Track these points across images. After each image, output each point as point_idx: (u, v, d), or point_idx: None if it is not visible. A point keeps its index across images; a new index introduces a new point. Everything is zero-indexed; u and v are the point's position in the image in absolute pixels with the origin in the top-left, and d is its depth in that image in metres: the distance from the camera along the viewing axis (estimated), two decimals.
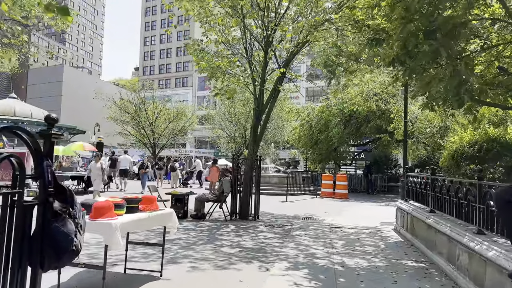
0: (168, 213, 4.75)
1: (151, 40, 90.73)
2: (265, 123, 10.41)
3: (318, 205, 14.76)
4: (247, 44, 9.72)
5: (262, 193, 18.54)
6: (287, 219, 10.52)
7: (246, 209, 9.88)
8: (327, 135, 21.80)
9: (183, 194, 9.75)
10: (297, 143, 24.23)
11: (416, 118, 17.29)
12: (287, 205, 14.45)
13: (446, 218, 6.18)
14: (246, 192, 9.95)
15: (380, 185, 24.48)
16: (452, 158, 8.29)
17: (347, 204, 15.20)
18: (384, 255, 6.47)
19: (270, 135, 33.39)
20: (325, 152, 23.18)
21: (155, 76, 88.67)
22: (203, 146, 63.62)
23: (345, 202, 16.22)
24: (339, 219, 10.66)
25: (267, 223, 9.43)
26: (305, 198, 17.03)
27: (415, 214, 7.52)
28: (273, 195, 17.60)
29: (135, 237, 6.58)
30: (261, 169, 22.79)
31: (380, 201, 17.56)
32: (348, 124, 20.36)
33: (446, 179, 6.48)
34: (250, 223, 9.32)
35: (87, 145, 18.99)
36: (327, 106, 21.37)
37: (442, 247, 5.85)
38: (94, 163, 12.67)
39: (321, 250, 6.57)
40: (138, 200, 4.34)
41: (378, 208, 14.46)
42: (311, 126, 22.83)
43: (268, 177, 19.32)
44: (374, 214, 12.27)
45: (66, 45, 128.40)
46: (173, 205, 9.68)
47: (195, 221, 9.38)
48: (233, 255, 6.02)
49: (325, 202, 15.82)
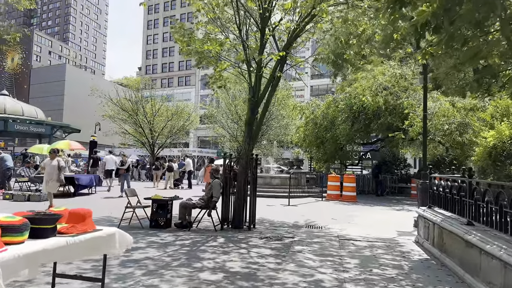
0: (107, 235, 3.27)
1: (153, 39, 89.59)
2: (263, 116, 8.93)
3: (324, 210, 13.27)
4: (241, 22, 8.23)
5: (262, 195, 17.09)
6: (288, 227, 9.05)
7: (240, 216, 8.42)
8: (333, 134, 20.31)
9: (166, 199, 8.30)
10: (302, 142, 22.75)
11: (433, 114, 15.74)
12: (289, 209, 12.97)
13: (494, 235, 4.68)
14: (240, 197, 8.49)
15: (390, 186, 22.96)
16: (489, 156, 6.78)
17: (356, 209, 13.69)
18: (411, 281, 4.98)
19: (274, 134, 31.95)
20: (331, 151, 21.69)
21: (157, 75, 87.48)
22: (207, 145, 62.32)
23: (354, 205, 14.71)
24: (349, 228, 9.17)
25: (263, 234, 7.95)
26: (309, 201, 15.55)
27: (445, 226, 6.02)
28: (275, 198, 16.13)
29: None
30: (263, 169, 21.48)
31: (392, 204, 16.03)
32: (356, 120, 18.81)
33: (493, 183, 4.98)
34: (243, 234, 7.84)
35: (74, 143, 17.64)
36: (333, 101, 19.83)
37: (493, 275, 4.35)
38: (49, 161, 10.78)
39: (329, 275, 5.08)
40: (55, 219, 2.88)
41: (392, 213, 12.93)
42: (316, 123, 21.31)
43: (270, 178, 17.85)
44: (388, 221, 10.76)
45: (69, 45, 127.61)
46: (154, 212, 8.24)
47: (178, 231, 7.94)
48: (213, 283, 4.56)
49: (332, 206, 14.32)
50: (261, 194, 16.61)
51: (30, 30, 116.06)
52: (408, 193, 22.51)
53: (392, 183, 23.16)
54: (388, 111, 17.11)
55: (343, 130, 18.77)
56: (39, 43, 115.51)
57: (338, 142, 20.47)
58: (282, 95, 28.52)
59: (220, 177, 8.42)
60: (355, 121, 18.82)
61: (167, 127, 32.84)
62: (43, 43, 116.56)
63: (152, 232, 7.72)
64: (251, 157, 8.42)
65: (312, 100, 22.80)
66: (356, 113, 18.59)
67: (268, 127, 31.24)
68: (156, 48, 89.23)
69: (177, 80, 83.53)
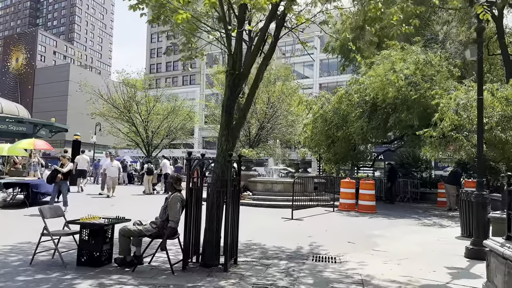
0: None
1: (157, 37, 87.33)
2: (249, 99, 6.10)
3: (336, 226, 10.44)
4: None
5: (261, 204, 14.25)
6: (286, 261, 6.24)
7: (212, 248, 5.62)
8: (345, 132, 17.45)
9: (101, 224, 5.52)
10: (310, 142, 19.95)
11: (469, 106, 12.79)
12: (291, 226, 10.16)
13: None
14: (213, 218, 5.70)
15: (410, 191, 20.05)
16: None
17: (377, 224, 10.82)
18: None
19: (279, 132, 29.18)
20: (343, 152, 18.83)
21: (162, 74, 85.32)
22: (212, 146, 59.80)
23: (373, 219, 11.84)
24: (374, 261, 6.34)
25: (244, 280, 5.14)
26: (317, 212, 12.69)
27: None
28: (277, 208, 13.35)
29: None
30: (263, 173, 18.67)
31: (418, 215, 13.16)
32: (373, 116, 15.90)
33: None
34: (214, 280, 5.05)
35: (39, 142, 15.02)
36: (346, 95, 16.93)
37: None
38: None
39: None
40: None
41: (424, 231, 10.02)
42: (326, 120, 18.46)
43: (270, 183, 15.06)
44: (424, 246, 7.89)
45: (74, 44, 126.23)
46: (85, 241, 5.50)
47: (117, 272, 5.20)
48: None
49: (346, 221, 11.46)
50: (260, 203, 13.85)
51: (35, 30, 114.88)
52: (432, 200, 19.57)
53: (413, 187, 20.27)
54: (409, 104, 14.18)
55: (358, 128, 15.89)
56: (44, 43, 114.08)
57: (351, 141, 17.63)
58: (287, 88, 25.76)
59: (181, 189, 5.64)
60: (372, 117, 15.91)
61: (163, 126, 30.26)
62: (47, 43, 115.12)
63: (72, 276, 4.99)
64: (229, 160, 5.61)
65: (321, 93, 19.90)
66: (372, 107, 15.69)
67: (273, 126, 28.55)
68: (160, 46, 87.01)
69: (182, 79, 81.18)
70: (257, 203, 13.75)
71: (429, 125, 13.66)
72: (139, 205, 14.31)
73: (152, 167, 18.01)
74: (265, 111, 27.31)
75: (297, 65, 58.60)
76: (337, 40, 22.11)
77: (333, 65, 55.81)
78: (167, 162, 19.29)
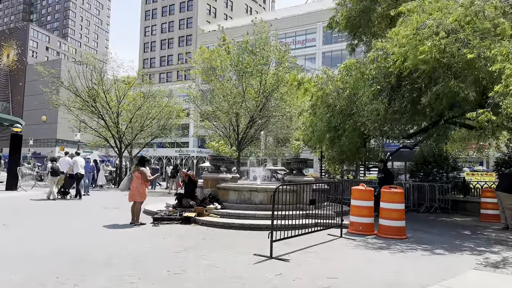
0: None
1: (151, 30, 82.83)
2: None
3: (351, 276, 5.67)
4: None
5: (233, 225, 9.13)
6: None
7: None
8: (355, 120, 12.88)
9: None
10: (307, 136, 15.33)
11: None
12: (264, 277, 5.44)
13: None
14: None
15: (438, 199, 15.49)
16: None
17: (419, 266, 6.14)
18: None
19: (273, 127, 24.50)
20: (351, 148, 14.28)
21: (156, 69, 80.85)
22: None
23: (409, 253, 7.16)
24: None
25: None
26: (316, 240, 7.92)
27: None
28: (255, 230, 8.73)
29: None
30: (238, 177, 13.89)
31: (468, 240, 8.51)
32: (396, 94, 11.17)
33: None
34: None
35: None
36: (356, 66, 12.26)
37: None
38: None
39: None
40: None
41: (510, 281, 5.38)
42: (328, 105, 13.87)
43: (248, 191, 10.37)
44: None
45: (68, 41, 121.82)
46: None
47: None
48: None
49: (365, 259, 6.67)
50: (231, 223, 9.17)
51: (26, 24, 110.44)
52: (469, 211, 14.95)
53: (440, 194, 15.65)
54: (458, 69, 9.44)
55: (373, 112, 11.25)
56: (36, 38, 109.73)
57: (363, 132, 13.03)
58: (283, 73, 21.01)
59: None
60: (394, 96, 11.19)
61: (136, 119, 25.62)
62: (39, 38, 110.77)
63: None
64: None
65: (321, 68, 15.23)
66: (396, 82, 10.97)
67: (267, 120, 23.91)
68: (154, 40, 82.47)
69: (177, 74, 76.59)
70: (225, 222, 9.14)
71: (486, 103, 9.04)
72: None
73: (57, 166, 13.91)
74: (257, 101, 22.68)
75: (298, 58, 54.16)
76: (343, 13, 17.42)
77: (336, 58, 51.32)
78: (80, 160, 15.02)
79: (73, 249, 6.71)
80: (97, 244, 7.17)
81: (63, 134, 74.23)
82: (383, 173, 13.66)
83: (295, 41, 58.02)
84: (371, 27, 16.08)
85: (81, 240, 7.50)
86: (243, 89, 22.75)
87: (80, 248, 6.79)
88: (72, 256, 6.14)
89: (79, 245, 7.06)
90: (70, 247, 6.87)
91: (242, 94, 22.43)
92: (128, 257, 6.20)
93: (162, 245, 7.23)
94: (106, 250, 6.65)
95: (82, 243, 7.22)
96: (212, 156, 11.85)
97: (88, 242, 7.36)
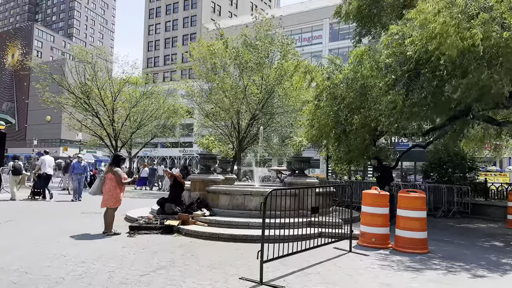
0: None
1: (155, 28, 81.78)
2: None
3: None
4: None
5: (222, 236, 6.84)
6: None
7: None
8: (364, 115, 11.42)
9: None
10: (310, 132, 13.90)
11: None
12: None
13: None
14: None
15: (457, 202, 14.09)
16: None
17: None
18: None
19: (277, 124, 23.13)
20: (360, 147, 12.84)
21: (159, 68, 79.75)
22: None
23: (435, 272, 5.74)
24: None
25: None
26: (319, 256, 6.51)
27: None
28: (248, 242, 7.33)
29: None
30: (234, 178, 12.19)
31: (503, 254, 7.04)
32: (414, 85, 9.65)
33: None
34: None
35: None
36: (369, 54, 10.79)
37: None
38: None
39: None
40: None
41: None
42: (335, 97, 12.41)
43: (241, 194, 8.94)
44: None
45: (74, 40, 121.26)
46: None
47: None
48: None
49: (380, 284, 5.31)
50: (219, 233, 7.70)
51: (30, 24, 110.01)
52: (490, 215, 13.51)
53: (459, 196, 14.22)
54: (492, 54, 7.96)
55: (388, 105, 9.76)
56: (41, 38, 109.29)
57: (375, 128, 11.59)
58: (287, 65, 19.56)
59: None
60: (413, 87, 9.68)
61: (133, 117, 24.33)
62: (44, 38, 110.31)
63: None
64: None
65: (328, 56, 13.79)
66: (416, 69, 9.47)
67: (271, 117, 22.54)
68: (158, 39, 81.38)
69: (181, 73, 75.33)
70: (213, 232, 7.73)
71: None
72: None
73: (20, 165, 12.80)
74: (258, 97, 21.32)
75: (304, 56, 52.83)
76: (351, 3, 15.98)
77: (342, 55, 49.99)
78: (48, 159, 13.74)
79: (4, 265, 5.31)
80: (43, 260, 5.76)
81: (67, 134, 73.49)
82: (380, 172, 12.16)
83: (301, 38, 56.50)
84: (382, 16, 14.69)
85: (25, 254, 6.07)
86: (244, 84, 21.40)
87: (14, 266, 5.37)
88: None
89: (18, 260, 5.63)
90: (3, 262, 5.48)
91: (243, 90, 21.09)
92: (73, 284, 4.79)
93: (129, 263, 5.83)
94: (47, 271, 5.23)
95: (24, 259, 5.79)
96: (200, 154, 10.45)
97: (32, 257, 5.93)
